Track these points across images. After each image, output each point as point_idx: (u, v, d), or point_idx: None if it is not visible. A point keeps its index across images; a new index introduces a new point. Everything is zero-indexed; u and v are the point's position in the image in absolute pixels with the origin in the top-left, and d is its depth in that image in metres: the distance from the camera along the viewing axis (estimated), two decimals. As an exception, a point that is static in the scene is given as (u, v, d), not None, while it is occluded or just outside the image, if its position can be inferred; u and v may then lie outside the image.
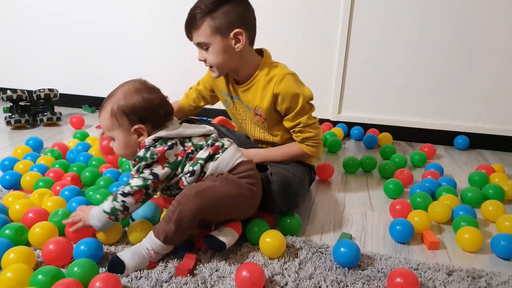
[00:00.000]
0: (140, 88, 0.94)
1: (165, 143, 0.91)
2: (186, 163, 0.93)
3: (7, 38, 2.29)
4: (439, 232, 1.08)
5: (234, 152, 0.97)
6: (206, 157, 0.93)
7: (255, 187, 0.95)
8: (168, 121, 0.97)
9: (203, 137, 0.98)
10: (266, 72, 1.09)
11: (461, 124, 1.80)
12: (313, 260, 0.90)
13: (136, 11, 2.03)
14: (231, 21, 1.01)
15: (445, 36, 1.71)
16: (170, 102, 0.99)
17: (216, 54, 1.04)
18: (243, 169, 0.95)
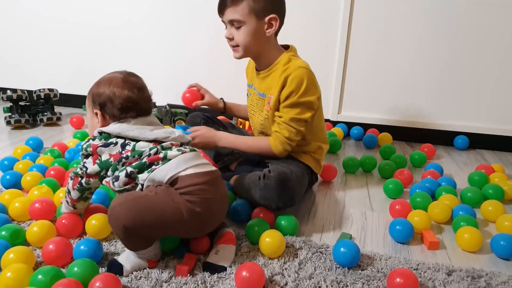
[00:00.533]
0: (110, 80, 0.92)
1: (105, 139, 0.88)
2: (117, 167, 0.86)
3: (7, 38, 2.29)
4: (439, 232, 1.08)
5: (176, 165, 0.84)
6: (137, 165, 0.84)
7: (199, 207, 0.81)
8: (127, 117, 0.91)
9: (153, 143, 0.88)
10: (287, 60, 1.11)
11: (460, 124, 1.80)
12: (313, 260, 0.90)
13: (136, 11, 2.03)
14: (269, 6, 1.05)
15: (445, 36, 1.71)
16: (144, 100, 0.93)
17: (247, 34, 1.07)
18: (185, 184, 0.82)
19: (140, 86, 0.94)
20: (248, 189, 1.07)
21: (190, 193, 0.82)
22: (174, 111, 1.92)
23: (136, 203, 0.80)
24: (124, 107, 0.90)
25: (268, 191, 1.01)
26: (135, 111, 0.91)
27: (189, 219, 0.81)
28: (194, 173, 0.84)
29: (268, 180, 1.01)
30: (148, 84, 1.03)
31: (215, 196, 0.85)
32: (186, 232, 0.87)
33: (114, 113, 0.91)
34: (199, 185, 0.83)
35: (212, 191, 0.85)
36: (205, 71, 2.03)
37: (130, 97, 0.90)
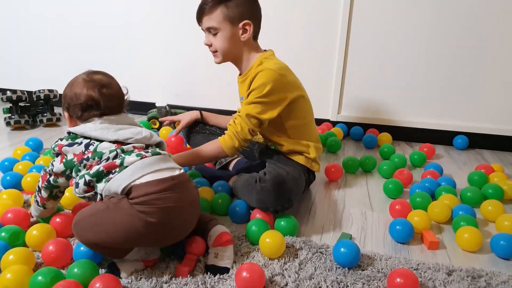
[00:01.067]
0: (73, 81, 0.93)
1: (72, 139, 0.88)
2: (79, 168, 0.85)
3: (7, 39, 2.29)
4: (438, 232, 1.08)
5: (132, 173, 0.81)
6: (95, 173, 0.82)
7: (154, 218, 0.77)
8: (91, 115, 0.89)
9: (116, 144, 0.86)
10: (259, 63, 1.13)
11: (460, 124, 1.80)
12: (313, 261, 0.90)
13: (135, 11, 2.03)
14: (242, 12, 1.10)
15: (444, 36, 1.71)
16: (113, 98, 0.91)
17: (223, 40, 1.12)
18: (138, 194, 0.78)
19: (104, 83, 0.91)
20: (245, 193, 1.08)
21: (144, 203, 0.78)
22: (174, 111, 1.92)
23: (89, 220, 0.80)
24: (84, 106, 0.89)
25: (264, 195, 1.01)
26: (98, 110, 0.89)
27: (146, 231, 0.78)
28: (149, 181, 0.80)
29: (264, 183, 1.01)
30: (149, 85, 1.03)
31: (177, 204, 0.80)
32: (155, 242, 0.84)
33: (77, 114, 0.90)
34: (155, 193, 0.79)
35: (172, 198, 0.80)
36: (205, 72, 2.03)
37: (89, 96, 0.88)
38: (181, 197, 0.82)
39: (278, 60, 1.14)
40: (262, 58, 1.13)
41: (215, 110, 2.03)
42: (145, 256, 0.86)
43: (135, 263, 0.85)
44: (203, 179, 1.24)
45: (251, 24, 1.11)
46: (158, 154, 0.87)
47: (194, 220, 0.88)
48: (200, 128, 1.35)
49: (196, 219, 0.89)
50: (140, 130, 0.91)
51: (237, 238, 0.98)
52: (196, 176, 1.26)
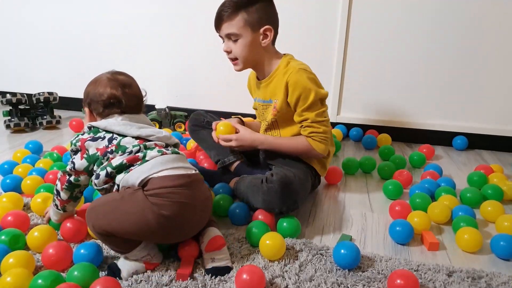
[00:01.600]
0: (97, 79, 0.97)
1: (94, 133, 0.90)
2: (102, 161, 0.87)
3: (7, 41, 2.29)
4: (438, 233, 1.08)
5: (151, 167, 0.83)
6: (117, 165, 0.85)
7: (167, 211, 0.79)
8: (112, 113, 0.93)
9: (138, 140, 0.89)
10: (286, 63, 1.14)
11: (459, 125, 1.80)
12: (313, 262, 0.90)
13: (136, 14, 2.03)
14: (262, 18, 1.11)
15: (443, 37, 1.72)
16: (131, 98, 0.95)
17: (244, 46, 1.12)
18: (154, 186, 0.81)
19: (126, 83, 0.96)
20: (250, 193, 1.08)
21: (158, 196, 0.80)
22: (173, 113, 1.92)
23: (103, 208, 0.82)
24: (107, 103, 0.93)
25: (271, 195, 1.01)
26: (119, 108, 0.93)
27: (156, 223, 0.79)
28: (167, 175, 0.83)
29: (272, 184, 1.01)
30: (148, 87, 1.04)
31: (190, 201, 0.82)
32: (162, 238, 0.85)
33: (98, 110, 0.94)
34: (170, 187, 0.81)
35: (186, 195, 0.82)
36: (205, 75, 2.03)
37: (113, 94, 0.93)
38: (195, 195, 0.84)
39: (303, 62, 1.17)
40: (288, 58, 1.16)
41: (214, 112, 2.03)
42: (147, 257, 0.86)
43: (137, 264, 0.85)
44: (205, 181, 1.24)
45: (272, 29, 1.12)
46: (177, 153, 0.91)
47: (204, 220, 0.90)
48: (206, 123, 1.35)
49: (206, 220, 0.90)
50: (160, 130, 0.95)
51: (237, 240, 0.98)
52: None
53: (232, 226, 1.07)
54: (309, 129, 1.13)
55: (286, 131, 1.20)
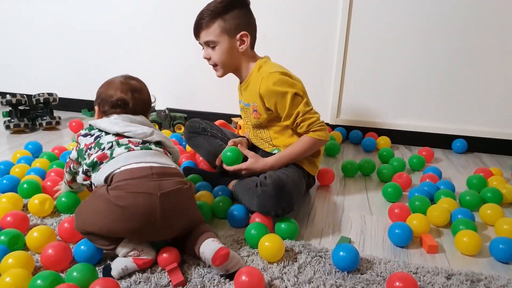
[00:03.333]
0: (110, 82, 1.03)
1: (88, 130, 1.00)
2: (85, 156, 0.95)
3: (7, 42, 2.30)
4: (438, 236, 1.08)
5: (115, 163, 0.87)
6: (90, 163, 0.91)
7: (122, 202, 0.80)
8: (114, 113, 0.99)
9: (117, 137, 0.94)
10: (258, 67, 1.16)
11: (459, 128, 1.81)
12: (312, 264, 0.90)
13: (136, 15, 2.04)
14: (239, 24, 1.13)
15: (443, 40, 1.72)
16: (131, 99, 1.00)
17: (222, 53, 1.14)
18: (115, 180, 0.84)
19: (137, 89, 1.02)
20: (246, 196, 1.08)
21: (117, 188, 0.82)
22: (173, 115, 1.92)
23: (79, 209, 0.89)
24: (115, 105, 0.99)
25: (265, 199, 1.01)
26: (123, 109, 0.99)
27: (117, 216, 0.81)
28: (127, 169, 0.86)
29: (265, 187, 1.01)
30: (148, 88, 1.04)
31: (150, 191, 0.82)
32: (132, 232, 0.84)
33: (105, 109, 1.01)
34: (128, 180, 0.83)
35: (146, 185, 0.82)
36: (204, 76, 2.02)
37: (122, 97, 0.99)
38: (157, 186, 0.83)
39: (276, 63, 1.18)
40: (261, 62, 1.17)
41: (214, 113, 2.04)
42: (135, 253, 0.85)
43: (126, 260, 0.84)
44: (204, 182, 1.24)
45: (248, 35, 1.14)
46: (148, 149, 0.93)
47: (181, 214, 0.87)
48: (201, 130, 1.36)
49: (185, 214, 0.88)
50: (143, 128, 0.98)
51: (236, 242, 0.98)
52: (197, 180, 1.26)
53: (231, 228, 1.08)
54: (304, 123, 1.13)
55: (273, 129, 1.21)
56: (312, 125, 1.13)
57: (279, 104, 1.11)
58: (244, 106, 1.25)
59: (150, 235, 0.86)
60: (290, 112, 1.12)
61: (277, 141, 1.21)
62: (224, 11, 1.11)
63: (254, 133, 1.27)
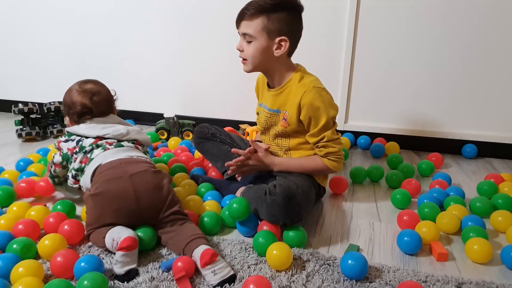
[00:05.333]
0: (69, 91, 1.15)
1: (68, 137, 1.13)
2: (72, 160, 1.09)
3: (19, 51, 2.34)
4: (447, 243, 1.07)
5: (94, 163, 1.03)
6: (77, 168, 1.07)
7: (99, 189, 0.95)
8: (85, 119, 1.13)
9: (96, 139, 1.09)
10: (300, 77, 1.15)
11: (469, 133, 1.79)
12: (320, 273, 0.90)
13: (144, 25, 2.06)
14: (282, 28, 1.09)
15: (452, 44, 1.71)
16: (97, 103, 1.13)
17: (256, 50, 1.11)
18: (95, 178, 1.01)
19: (95, 92, 1.14)
20: (254, 204, 1.07)
21: (95, 182, 0.98)
22: (181, 122, 1.94)
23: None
24: (80, 113, 1.12)
25: (274, 208, 1.00)
26: (90, 115, 1.13)
27: (99, 204, 0.95)
28: (102, 165, 1.02)
29: (275, 196, 1.00)
30: (157, 96, 1.06)
31: (120, 175, 0.97)
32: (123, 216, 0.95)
33: (74, 119, 1.14)
34: (102, 173, 0.99)
35: (116, 172, 0.98)
36: (213, 83, 2.05)
37: (83, 104, 1.12)
38: (125, 170, 0.98)
39: (315, 77, 1.19)
40: (301, 73, 1.16)
41: (222, 120, 2.05)
42: (114, 243, 0.89)
43: (116, 256, 0.88)
44: (215, 192, 1.24)
45: (288, 42, 1.11)
46: (120, 146, 1.09)
47: (149, 194, 0.96)
48: (210, 135, 1.37)
49: (156, 196, 0.97)
50: (119, 127, 1.12)
51: (244, 250, 0.99)
52: (209, 189, 1.26)
53: (240, 236, 1.08)
54: (324, 149, 1.14)
55: (295, 140, 1.21)
56: (330, 154, 1.15)
57: (313, 120, 1.12)
58: (266, 111, 1.23)
59: (133, 216, 0.96)
60: (318, 132, 1.13)
61: (295, 152, 1.22)
62: (272, 9, 1.07)
63: (272, 139, 1.27)
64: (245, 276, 0.88)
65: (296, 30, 1.14)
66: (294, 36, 1.13)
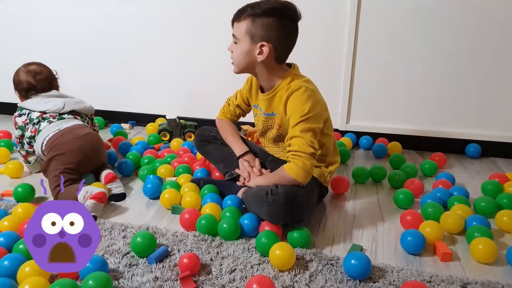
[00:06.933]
0: (17, 72, 1.43)
1: (19, 111, 1.41)
2: (26, 130, 1.37)
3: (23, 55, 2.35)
4: (452, 243, 1.06)
5: (43, 134, 1.32)
6: (29, 136, 1.37)
7: (62, 150, 1.26)
8: (31, 94, 1.41)
9: (40, 114, 1.37)
10: (289, 80, 1.14)
11: (472, 132, 1.78)
12: (323, 273, 0.90)
13: (147, 28, 2.07)
14: (265, 33, 1.08)
15: (454, 43, 1.70)
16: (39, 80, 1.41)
17: (239, 52, 1.13)
18: (47, 144, 1.30)
19: (38, 71, 1.42)
20: (255, 204, 1.08)
21: (54, 147, 1.28)
22: (184, 123, 1.94)
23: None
24: (26, 89, 1.41)
25: (276, 208, 1.00)
26: (35, 90, 1.41)
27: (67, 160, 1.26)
28: (53, 135, 1.31)
29: (276, 196, 1.00)
30: (159, 97, 1.06)
31: (64, 132, 1.31)
32: (82, 164, 1.29)
33: (22, 94, 1.43)
34: (57, 138, 1.29)
35: (71, 135, 1.29)
36: (215, 85, 2.05)
37: (28, 81, 1.40)
38: (77, 133, 1.31)
39: (306, 77, 1.17)
40: (292, 74, 1.14)
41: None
42: (87, 195, 1.15)
43: (87, 203, 1.13)
44: (215, 194, 1.23)
45: (270, 49, 1.08)
46: (62, 119, 1.37)
47: (96, 148, 1.34)
48: (211, 138, 1.37)
49: (100, 150, 1.38)
50: (57, 102, 1.40)
51: (247, 250, 0.99)
52: (212, 191, 1.25)
53: (242, 236, 1.07)
54: (288, 147, 1.08)
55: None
56: (290, 153, 1.07)
57: (293, 114, 1.09)
58: (263, 115, 1.23)
59: (86, 164, 1.31)
60: (291, 128, 1.09)
61: None
62: (259, 14, 1.06)
63: (272, 142, 1.27)
64: (248, 276, 0.88)
65: (285, 38, 1.10)
66: (281, 44, 1.09)
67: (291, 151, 1.07)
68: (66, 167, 1.25)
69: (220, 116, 1.42)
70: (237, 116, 1.40)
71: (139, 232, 0.99)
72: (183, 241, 1.02)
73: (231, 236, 1.04)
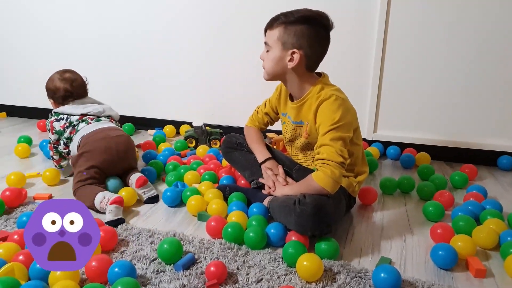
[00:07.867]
0: (52, 80, 1.48)
1: (56, 116, 1.46)
2: (65, 134, 1.43)
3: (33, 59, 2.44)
4: (485, 259, 1.02)
5: (80, 133, 1.38)
6: (67, 137, 1.42)
7: (88, 148, 1.33)
8: (68, 101, 1.47)
9: (79, 116, 1.44)
10: (319, 88, 1.14)
11: (504, 144, 1.72)
12: (351, 285, 0.88)
13: (174, 35, 2.11)
14: (296, 40, 1.09)
15: (486, 51, 1.66)
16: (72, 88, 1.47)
17: (271, 60, 1.14)
18: (82, 143, 1.35)
19: (73, 79, 1.48)
20: (282, 214, 1.07)
21: (84, 145, 1.34)
22: (210, 130, 1.96)
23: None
24: (64, 96, 1.47)
25: (304, 218, 0.99)
26: (72, 97, 1.48)
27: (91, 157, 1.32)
28: (88, 133, 1.37)
29: (304, 206, 0.99)
30: (186, 105, 1.08)
31: (101, 136, 1.35)
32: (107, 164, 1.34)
33: (59, 101, 1.49)
34: (90, 137, 1.35)
35: (98, 135, 1.35)
36: (241, 92, 2.07)
37: (66, 89, 1.46)
38: (108, 134, 1.36)
39: (336, 86, 1.17)
40: (322, 83, 1.15)
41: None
42: (105, 200, 1.19)
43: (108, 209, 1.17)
44: (241, 202, 1.23)
45: (301, 56, 1.09)
46: (99, 121, 1.44)
47: (124, 152, 1.38)
48: (238, 145, 1.38)
49: (129, 154, 1.41)
50: (97, 106, 1.48)
51: (273, 260, 0.98)
52: (239, 198, 1.26)
53: (269, 246, 1.07)
54: (317, 155, 1.08)
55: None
56: (318, 162, 1.06)
57: (323, 124, 1.09)
58: (292, 123, 1.24)
59: (112, 165, 1.36)
60: (321, 136, 1.09)
61: None
62: (291, 22, 1.08)
63: (300, 150, 1.27)
64: (275, 286, 0.88)
65: (316, 46, 1.11)
66: (312, 52, 1.10)
67: (320, 159, 1.07)
68: (91, 164, 1.31)
69: (249, 123, 1.43)
70: (265, 124, 1.40)
71: (166, 238, 1.00)
72: (210, 248, 1.03)
73: (258, 245, 1.04)
